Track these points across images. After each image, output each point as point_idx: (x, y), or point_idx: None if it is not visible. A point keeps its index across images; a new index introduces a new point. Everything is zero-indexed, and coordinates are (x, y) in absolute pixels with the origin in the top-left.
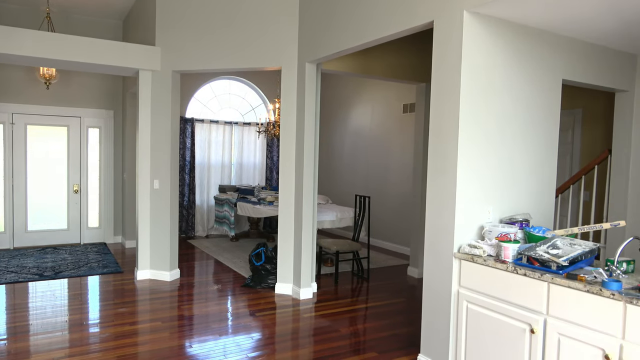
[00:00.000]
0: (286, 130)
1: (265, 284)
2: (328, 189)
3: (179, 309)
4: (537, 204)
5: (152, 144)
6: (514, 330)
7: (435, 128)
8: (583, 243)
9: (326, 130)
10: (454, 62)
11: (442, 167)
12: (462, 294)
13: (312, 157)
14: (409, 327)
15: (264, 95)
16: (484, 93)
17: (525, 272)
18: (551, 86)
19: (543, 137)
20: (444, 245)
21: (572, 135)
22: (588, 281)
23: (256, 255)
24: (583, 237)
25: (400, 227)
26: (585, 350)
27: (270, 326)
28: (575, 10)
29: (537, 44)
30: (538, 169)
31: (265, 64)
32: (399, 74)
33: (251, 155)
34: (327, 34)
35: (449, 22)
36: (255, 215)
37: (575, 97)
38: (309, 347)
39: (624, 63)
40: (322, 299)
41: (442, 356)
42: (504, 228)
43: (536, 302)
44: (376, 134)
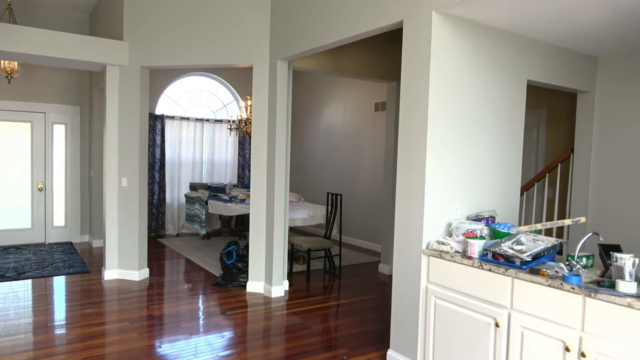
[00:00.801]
0: (258, 128)
1: (236, 282)
2: (300, 186)
3: (148, 309)
4: (502, 201)
5: (120, 141)
6: (480, 325)
7: (405, 126)
8: (546, 239)
9: (299, 128)
10: (422, 62)
11: (411, 165)
12: (431, 289)
13: (283, 155)
14: (380, 323)
15: (236, 92)
16: (452, 92)
17: (491, 267)
18: (516, 86)
19: (509, 136)
20: (413, 242)
21: (537, 134)
22: (550, 276)
23: (227, 253)
24: (547, 233)
25: (371, 224)
26: (547, 342)
27: (241, 325)
28: (540, 13)
29: (503, 45)
30: (504, 167)
31: (237, 60)
32: (370, 72)
33: (223, 152)
34: (298, 31)
35: (418, 22)
36: (226, 213)
37: (540, 97)
38: (280, 344)
39: (585, 65)
40: (293, 296)
41: (411, 351)
42: (471, 225)
43: (501, 297)
44: (348, 132)
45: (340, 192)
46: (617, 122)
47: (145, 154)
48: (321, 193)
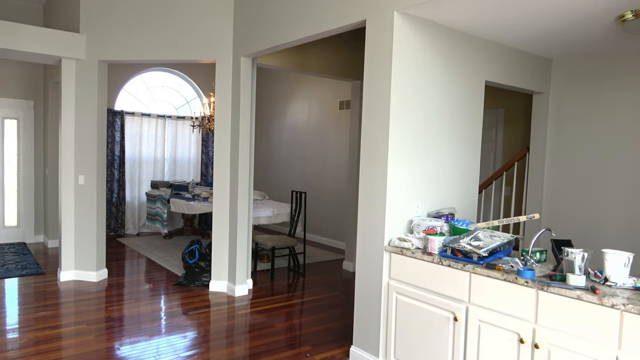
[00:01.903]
0: (221, 125)
1: (199, 282)
2: (265, 184)
3: (107, 311)
4: (462, 198)
5: (77, 138)
6: (439, 319)
7: (367, 125)
8: (502, 235)
9: (263, 126)
10: (385, 61)
11: (373, 163)
12: (392, 285)
13: (247, 152)
14: (343, 320)
15: (199, 88)
16: (413, 91)
17: (450, 263)
18: (475, 87)
19: (468, 135)
20: (375, 239)
21: (495, 133)
22: (505, 270)
23: (190, 252)
24: (504, 229)
25: (336, 222)
26: (502, 335)
27: (204, 324)
28: (497, 15)
29: (463, 46)
30: (463, 165)
31: (200, 56)
32: (334, 70)
33: (185, 150)
34: (262, 28)
35: (380, 22)
36: (189, 212)
37: (498, 97)
38: (244, 343)
39: (540, 67)
40: (257, 295)
41: (373, 347)
42: (431, 222)
43: (459, 292)
44: (313, 130)
45: (305, 190)
46: (569, 122)
47: (104, 151)
48: (286, 191)
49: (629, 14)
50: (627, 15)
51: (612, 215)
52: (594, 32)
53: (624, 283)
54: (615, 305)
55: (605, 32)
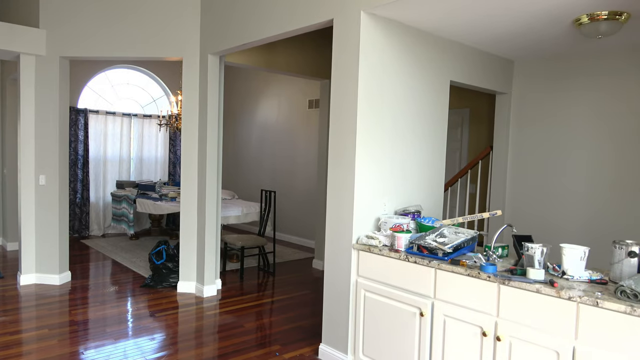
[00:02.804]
0: (188, 124)
1: (166, 283)
2: (234, 184)
3: (71, 314)
4: (428, 196)
5: (37, 136)
6: (406, 315)
7: (335, 124)
8: (466, 231)
9: (232, 124)
10: (352, 60)
11: (341, 161)
12: (360, 283)
13: (215, 151)
14: (313, 319)
15: (166, 86)
16: (380, 91)
17: (416, 259)
18: (440, 87)
19: (434, 133)
20: (344, 237)
21: (461, 132)
22: (469, 266)
23: (156, 253)
24: (470, 226)
25: (306, 220)
26: (466, 329)
27: (172, 326)
28: (461, 17)
29: (429, 47)
30: (429, 164)
31: (166, 53)
32: (303, 69)
33: (152, 149)
34: (229, 26)
35: (347, 21)
36: (156, 212)
37: (464, 97)
38: (212, 344)
39: (503, 68)
40: (226, 295)
41: (342, 344)
42: (398, 219)
43: (425, 287)
44: (283, 129)
45: (275, 189)
46: (530, 121)
47: (66, 150)
48: (255, 190)
49: (585, 18)
50: (583, 19)
51: (571, 211)
52: (553, 35)
53: (580, 276)
54: (572, 298)
55: (563, 35)
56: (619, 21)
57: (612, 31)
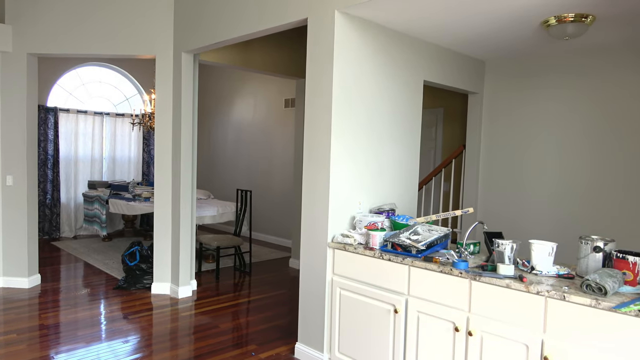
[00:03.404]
0: (161, 123)
1: (140, 284)
2: (210, 183)
3: (40, 318)
4: (402, 194)
5: (4, 136)
6: (381, 312)
7: (310, 123)
8: (439, 229)
9: (208, 123)
10: (327, 60)
11: (316, 160)
12: (336, 281)
13: (189, 150)
14: (290, 318)
15: (139, 84)
16: (355, 90)
17: (390, 257)
18: (414, 86)
19: (408, 132)
20: (319, 236)
21: (435, 131)
22: (441, 262)
23: (130, 254)
24: (444, 223)
25: (282, 220)
26: (439, 324)
27: (147, 328)
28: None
29: (403, 47)
30: (404, 162)
31: (138, 51)
32: (278, 68)
33: (125, 148)
34: (203, 24)
35: (321, 20)
36: (129, 212)
37: (438, 97)
38: (188, 345)
39: (475, 68)
40: (202, 296)
41: (318, 342)
42: (373, 217)
43: (399, 285)
44: (259, 128)
45: (251, 188)
46: (501, 120)
47: (35, 150)
48: (231, 190)
49: (553, 20)
50: (551, 20)
51: (540, 208)
52: (522, 36)
53: (548, 271)
54: (540, 292)
55: (532, 36)
56: (584, 23)
57: (578, 33)
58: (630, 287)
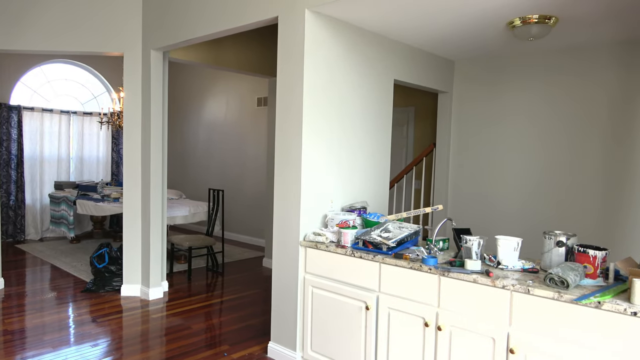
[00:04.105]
0: (130, 122)
1: (109, 287)
2: (181, 183)
3: (4, 323)
4: (374, 192)
5: None
6: (352, 309)
7: (281, 122)
8: (409, 226)
9: (179, 122)
10: (297, 58)
11: (287, 159)
12: (308, 279)
13: (159, 150)
14: (263, 317)
15: (108, 82)
16: (326, 89)
17: (361, 254)
18: (385, 85)
19: (379, 131)
20: (291, 235)
21: (407, 130)
22: (411, 259)
23: (98, 256)
24: (416, 221)
25: (255, 219)
26: (409, 320)
27: (117, 330)
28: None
29: (372, 46)
30: (375, 161)
31: (105, 48)
32: (250, 67)
33: (94, 148)
34: (172, 21)
35: (292, 19)
36: (97, 213)
37: (409, 96)
38: (159, 347)
39: (444, 68)
40: (174, 297)
41: (291, 341)
42: (344, 216)
43: (370, 282)
44: (231, 127)
45: (224, 188)
46: (469, 119)
47: None
48: (204, 189)
49: (517, 21)
50: (516, 22)
51: (507, 205)
52: (489, 37)
53: (514, 266)
54: (505, 286)
55: (498, 37)
56: (548, 24)
57: (542, 34)
58: (591, 279)
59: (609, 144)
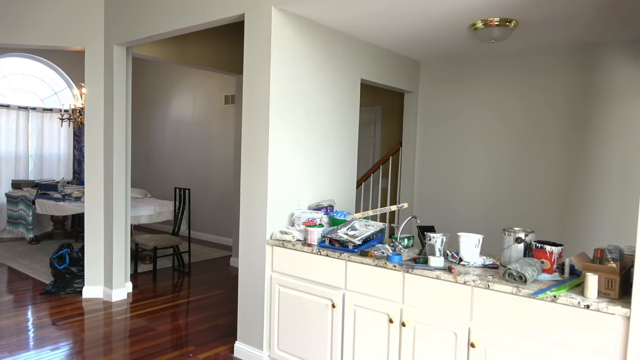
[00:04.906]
0: (92, 119)
1: (70, 288)
2: (147, 182)
3: None
4: (341, 190)
5: None
6: (319, 307)
7: (248, 120)
8: (375, 224)
9: (145, 120)
10: (264, 56)
11: (254, 157)
12: (275, 278)
13: (123, 147)
14: (229, 317)
15: (69, 78)
16: (293, 87)
17: (327, 253)
18: (352, 84)
19: (346, 129)
20: (258, 234)
21: (374, 129)
22: (377, 256)
23: (59, 257)
24: (382, 219)
25: (223, 218)
26: (375, 317)
27: (78, 333)
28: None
29: (339, 45)
30: (342, 159)
31: (66, 42)
32: (218, 64)
33: (54, 145)
34: (136, 15)
35: (258, 16)
36: (58, 213)
37: (376, 95)
38: (123, 350)
39: (410, 68)
40: (138, 298)
41: (257, 340)
42: (311, 214)
43: (337, 279)
44: (198, 125)
45: (190, 186)
46: (434, 118)
47: None
48: (169, 188)
49: (480, 23)
50: (478, 24)
51: (471, 202)
52: (453, 38)
53: (475, 262)
54: (467, 282)
55: (462, 38)
56: (509, 27)
57: (503, 36)
58: (548, 274)
59: (568, 143)
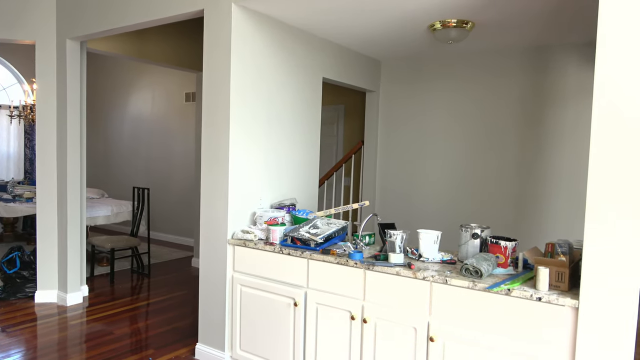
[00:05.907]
0: (44, 116)
1: (22, 293)
2: (104, 182)
3: None
4: (304, 189)
5: None
6: (281, 306)
7: (208, 118)
8: (337, 222)
9: (102, 117)
10: (224, 53)
11: (215, 156)
12: (237, 278)
13: (77, 146)
14: (190, 319)
15: (19, 73)
16: (254, 85)
17: (289, 251)
18: (314, 83)
19: (308, 128)
20: (219, 233)
21: (336, 128)
22: (338, 254)
23: (8, 261)
24: (345, 217)
25: (183, 218)
26: (337, 314)
27: (30, 340)
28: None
29: (300, 43)
30: (304, 157)
31: (14, 35)
32: (177, 60)
33: (3, 144)
34: (90, 8)
35: (218, 12)
36: (8, 214)
37: (339, 94)
38: (78, 355)
39: (371, 67)
40: (95, 302)
41: (219, 341)
42: (273, 213)
43: (299, 278)
44: (158, 123)
45: (149, 186)
46: (395, 118)
47: None
48: (128, 188)
49: (438, 24)
50: (437, 25)
51: (430, 200)
52: (412, 38)
53: (434, 258)
54: (426, 278)
55: (420, 39)
56: (465, 29)
57: (460, 37)
58: (502, 268)
59: (522, 142)
